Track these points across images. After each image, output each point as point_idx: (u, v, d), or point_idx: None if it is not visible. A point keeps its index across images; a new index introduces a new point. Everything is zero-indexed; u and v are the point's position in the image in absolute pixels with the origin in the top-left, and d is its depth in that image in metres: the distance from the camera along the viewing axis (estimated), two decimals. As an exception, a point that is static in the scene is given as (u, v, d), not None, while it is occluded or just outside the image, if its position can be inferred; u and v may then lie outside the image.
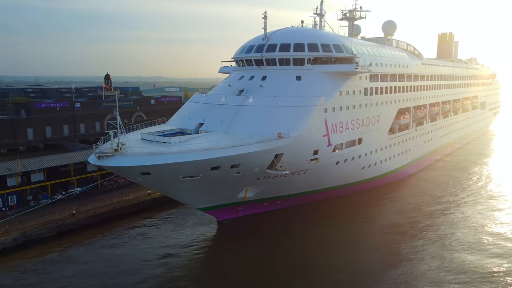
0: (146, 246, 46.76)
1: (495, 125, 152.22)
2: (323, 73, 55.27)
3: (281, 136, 45.66)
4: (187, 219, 55.16)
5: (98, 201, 56.77)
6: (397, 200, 64.00)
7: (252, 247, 46.38)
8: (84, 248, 46.30)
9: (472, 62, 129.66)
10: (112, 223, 53.34)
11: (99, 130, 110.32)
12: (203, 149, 41.05)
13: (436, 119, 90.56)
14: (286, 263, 42.60)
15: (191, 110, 56.10)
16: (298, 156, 48.89)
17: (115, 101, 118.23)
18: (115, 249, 45.94)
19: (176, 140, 43.92)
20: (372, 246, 47.20)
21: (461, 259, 42.70)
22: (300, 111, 49.31)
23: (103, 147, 41.50)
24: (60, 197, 58.49)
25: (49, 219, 50.66)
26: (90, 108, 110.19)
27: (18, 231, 47.10)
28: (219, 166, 42.30)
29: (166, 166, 39.81)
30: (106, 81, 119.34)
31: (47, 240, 48.13)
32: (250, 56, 57.79)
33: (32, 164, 58.16)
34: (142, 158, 39.42)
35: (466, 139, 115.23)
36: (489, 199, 63.57)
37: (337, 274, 40.48)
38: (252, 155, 43.31)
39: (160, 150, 40.55)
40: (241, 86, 55.93)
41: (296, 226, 52.20)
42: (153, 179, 41.94)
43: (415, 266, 41.51)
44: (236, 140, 42.67)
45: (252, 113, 49.37)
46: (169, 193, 47.96)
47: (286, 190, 54.19)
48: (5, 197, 54.79)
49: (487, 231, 50.46)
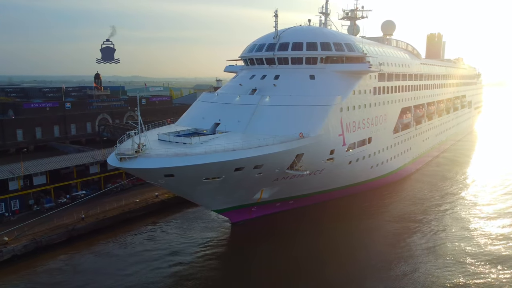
0: (157, 253, 44.63)
1: (478, 123, 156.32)
2: (336, 72, 55.08)
3: (302, 136, 45.11)
4: (197, 222, 53.81)
5: (106, 204, 54.75)
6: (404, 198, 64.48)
7: (266, 249, 45.69)
8: (94, 256, 44.37)
9: (459, 62, 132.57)
10: (121, 227, 51.60)
11: (90, 130, 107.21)
12: (228, 150, 40.04)
13: (432, 118, 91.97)
14: (304, 265, 41.87)
15: (204, 109, 54.90)
16: (317, 156, 48.47)
17: (105, 100, 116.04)
18: (125, 258, 43.66)
19: (196, 141, 42.75)
20: (381, 244, 47.29)
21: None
22: (318, 110, 48.87)
23: (122, 149, 39.86)
24: (65, 200, 56.29)
25: (58, 224, 48.54)
26: (80, 108, 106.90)
27: (28, 237, 44.91)
28: (243, 166, 41.41)
29: (191, 168, 38.65)
30: (96, 80, 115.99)
31: (57, 246, 46.08)
32: (261, 55, 57.02)
33: (34, 167, 55.74)
34: (167, 159, 38.12)
35: (456, 137, 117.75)
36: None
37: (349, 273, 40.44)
38: (275, 156, 42.61)
39: (183, 151, 39.30)
40: (253, 85, 55.14)
41: (307, 226, 51.75)
42: (176, 181, 40.66)
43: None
44: (260, 140, 41.86)
45: (269, 113, 48.64)
46: (187, 195, 46.69)
47: (299, 190, 53.73)
48: (8, 201, 52.22)
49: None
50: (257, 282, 39.22)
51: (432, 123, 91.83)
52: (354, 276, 40.12)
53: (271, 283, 38.89)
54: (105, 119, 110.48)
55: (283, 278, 39.58)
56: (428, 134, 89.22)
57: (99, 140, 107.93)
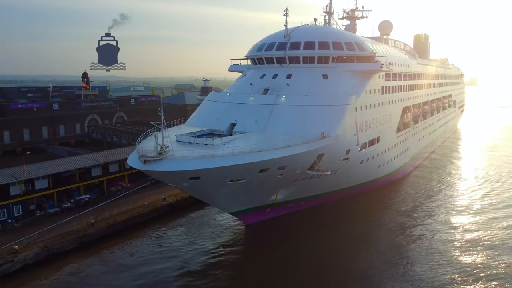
0: (169, 262, 42.43)
1: (461, 122, 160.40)
2: (347, 71, 54.87)
3: (324, 136, 44.62)
4: (207, 225, 52.32)
5: (114, 208, 52.69)
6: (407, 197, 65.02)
7: (280, 251, 44.71)
8: (106, 266, 42.04)
9: (444, 62, 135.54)
10: (132, 232, 49.68)
11: (79, 132, 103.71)
12: (255, 151, 39.06)
13: (426, 117, 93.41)
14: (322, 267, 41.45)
15: (216, 110, 53.54)
16: (335, 156, 48.11)
17: (94, 101, 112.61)
18: (138, 267, 41.21)
19: (219, 142, 41.57)
20: (390, 243, 47.40)
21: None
22: (335, 110, 48.49)
23: (144, 150, 38.14)
24: (69, 205, 53.94)
25: (68, 230, 46.34)
26: (69, 109, 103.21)
27: (39, 245, 42.63)
28: (268, 168, 40.53)
29: (218, 170, 37.49)
30: (84, 80, 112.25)
31: (68, 253, 43.87)
32: (271, 54, 56.17)
33: (37, 170, 53.18)
34: (194, 161, 36.77)
35: (444, 136, 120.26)
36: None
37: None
38: (299, 156, 41.97)
39: (209, 153, 38.05)
40: (265, 84, 54.26)
41: (318, 226, 51.24)
42: (200, 184, 39.34)
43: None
44: (285, 140, 41.08)
45: (287, 113, 47.90)
46: (207, 198, 45.39)
47: (313, 191, 53.24)
48: (10, 207, 49.55)
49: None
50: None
51: (427, 122, 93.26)
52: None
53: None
54: (95, 119, 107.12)
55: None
56: (423, 133, 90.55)
57: (88, 141, 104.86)
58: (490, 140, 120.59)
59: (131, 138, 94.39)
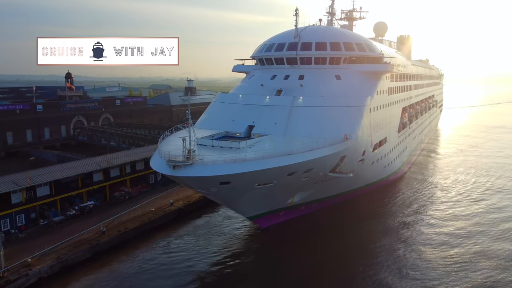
0: (187, 271, 40.50)
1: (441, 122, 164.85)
2: (358, 72, 54.77)
3: (346, 138, 44.19)
4: (219, 231, 50.54)
5: (124, 215, 50.45)
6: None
7: (294, 255, 43.94)
8: (120, 278, 39.53)
9: (426, 63, 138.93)
10: (144, 240, 47.45)
11: (64, 134, 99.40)
12: (285, 154, 38.08)
13: (418, 117, 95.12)
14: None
15: (227, 111, 52.10)
16: (353, 158, 47.80)
17: (79, 102, 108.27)
18: (156, 280, 38.91)
19: (244, 145, 40.36)
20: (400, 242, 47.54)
21: None
22: (354, 111, 48.16)
23: (171, 155, 36.36)
24: (74, 212, 51.24)
25: (79, 240, 43.86)
26: (53, 111, 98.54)
27: (52, 257, 40.02)
28: (296, 171, 39.67)
29: (249, 174, 36.29)
30: (68, 80, 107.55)
31: (82, 264, 41.38)
32: (282, 54, 55.33)
33: (39, 177, 50.13)
34: (225, 166, 35.39)
35: (429, 136, 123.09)
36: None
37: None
38: (325, 159, 41.33)
39: (240, 157, 36.74)
40: (277, 85, 53.36)
41: (327, 227, 50.88)
42: (229, 189, 37.99)
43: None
44: (311, 143, 40.35)
45: (305, 114, 47.22)
46: (231, 203, 43.96)
47: (325, 193, 52.84)
48: (13, 216, 46.47)
49: None
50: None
51: (418, 122, 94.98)
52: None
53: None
54: (80, 121, 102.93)
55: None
56: (415, 133, 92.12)
57: (74, 144, 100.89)
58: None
59: (121, 141, 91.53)
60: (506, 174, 77.15)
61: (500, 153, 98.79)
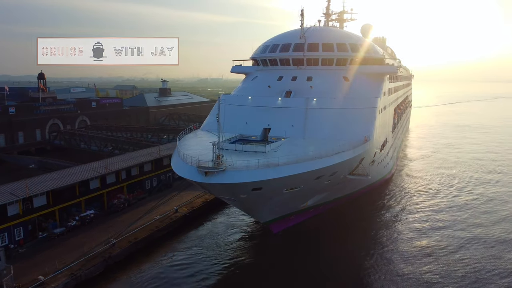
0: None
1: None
2: (364, 74, 54.93)
3: (366, 140, 43.99)
4: (224, 236, 49.08)
5: (132, 224, 47.61)
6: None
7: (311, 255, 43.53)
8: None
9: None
10: (154, 250, 45.12)
11: (40, 138, 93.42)
12: (314, 158, 37.19)
13: (401, 117, 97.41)
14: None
15: (237, 114, 50.41)
16: (368, 159, 47.74)
17: (53, 104, 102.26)
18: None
19: (269, 149, 39.10)
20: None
21: None
22: (368, 113, 48.11)
23: (200, 161, 34.48)
24: (74, 223, 47.90)
25: (88, 252, 40.86)
26: (27, 113, 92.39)
27: (65, 273, 36.94)
28: (323, 175, 38.91)
29: (282, 179, 35.11)
30: (41, 81, 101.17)
31: (95, 279, 38.64)
32: (288, 55, 54.49)
33: (36, 186, 46.33)
34: (259, 171, 33.98)
35: (407, 136, 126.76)
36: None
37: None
38: (349, 161, 40.90)
39: (272, 162, 35.39)
40: (285, 87, 52.51)
41: (333, 228, 50.88)
42: (258, 195, 36.59)
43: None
44: (337, 146, 39.72)
45: (323, 116, 46.66)
46: (254, 209, 42.33)
47: (336, 194, 52.56)
48: (11, 230, 42.63)
49: None
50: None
51: (401, 122, 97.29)
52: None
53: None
54: (56, 124, 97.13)
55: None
56: (399, 133, 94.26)
57: (49, 148, 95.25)
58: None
59: (103, 145, 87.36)
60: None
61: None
